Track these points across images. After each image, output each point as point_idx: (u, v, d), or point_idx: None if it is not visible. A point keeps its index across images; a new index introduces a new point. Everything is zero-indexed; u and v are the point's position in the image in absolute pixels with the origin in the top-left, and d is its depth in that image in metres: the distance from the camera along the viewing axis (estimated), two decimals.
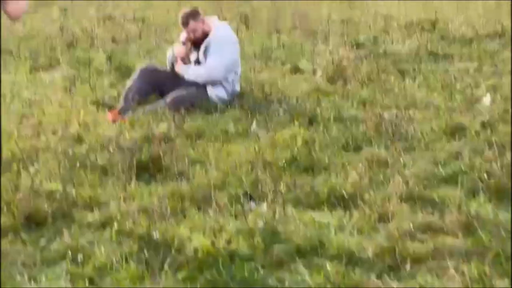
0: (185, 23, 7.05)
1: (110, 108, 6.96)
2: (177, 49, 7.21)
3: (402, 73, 7.91)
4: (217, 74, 6.95)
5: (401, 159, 5.22)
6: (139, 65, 7.42)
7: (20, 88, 7.77)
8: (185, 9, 7.18)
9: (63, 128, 6.18)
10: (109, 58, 8.92)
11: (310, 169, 5.22)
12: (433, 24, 10.67)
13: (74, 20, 12.68)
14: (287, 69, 8.43)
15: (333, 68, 7.75)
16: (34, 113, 6.71)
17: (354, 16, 12.17)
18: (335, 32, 10.60)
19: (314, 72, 8.11)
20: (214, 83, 6.99)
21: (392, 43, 9.59)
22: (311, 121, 6.19)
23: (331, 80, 7.62)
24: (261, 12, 12.70)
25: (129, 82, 7.16)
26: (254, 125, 6.19)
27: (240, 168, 5.21)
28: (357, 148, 5.61)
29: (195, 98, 6.89)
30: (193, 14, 7.06)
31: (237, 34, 7.96)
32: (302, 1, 14.47)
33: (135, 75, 7.16)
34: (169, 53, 7.32)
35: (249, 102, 6.86)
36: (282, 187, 4.78)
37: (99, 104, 7.04)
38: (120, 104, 6.94)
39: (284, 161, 5.27)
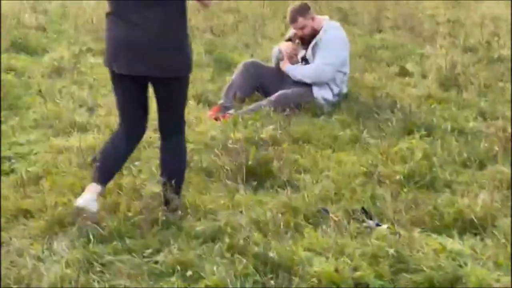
0: (294, 19, 6.68)
1: (211, 104, 6.67)
2: (284, 46, 6.85)
3: None
4: (325, 74, 6.56)
5: None
6: (242, 61, 7.08)
7: None
8: (294, 4, 6.80)
9: None
10: (208, 51, 8.64)
11: (431, 186, 4.80)
12: None
13: None
14: (394, 71, 7.98)
15: (446, 74, 7.26)
16: None
17: (460, 16, 11.57)
18: (441, 34, 10.07)
19: (424, 76, 7.64)
20: (321, 83, 6.61)
21: (505, 47, 8.97)
22: (428, 132, 5.73)
23: (444, 86, 7.14)
24: (361, 9, 12.20)
25: (231, 78, 6.85)
26: (365, 133, 5.78)
27: (354, 180, 4.83)
28: (481, 166, 5.15)
29: (301, 99, 6.52)
30: (302, 10, 6.68)
31: None
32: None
33: (237, 71, 6.84)
34: (274, 50, 6.98)
35: (357, 106, 6.45)
36: (402, 206, 4.37)
37: (200, 100, 6.74)
38: (222, 100, 6.63)
39: (401, 176, 4.85)
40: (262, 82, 6.78)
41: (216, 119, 6.24)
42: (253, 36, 9.88)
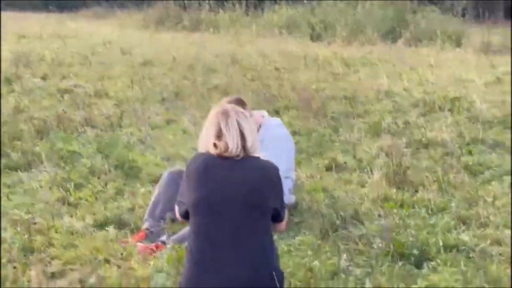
0: None
1: (133, 229, 5.34)
2: None
3: (471, 171, 6.58)
4: None
5: None
6: (168, 170, 5.78)
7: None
8: (226, 99, 5.65)
9: (82, 269, 4.52)
10: (101, 151, 7.27)
11: None
12: (454, 102, 9.47)
13: (28, 97, 10.82)
14: (324, 164, 6.97)
15: (391, 166, 6.33)
16: (34, 245, 4.97)
17: (349, 90, 10.87)
18: (344, 112, 9.28)
19: (361, 169, 6.70)
20: None
21: (425, 128, 8.25)
22: (420, 253, 4.68)
23: (394, 183, 6.18)
24: (242, 86, 11.23)
25: (154, 193, 5.56)
26: (345, 259, 4.65)
27: None
28: None
29: None
30: (238, 106, 5.52)
31: None
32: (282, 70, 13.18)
33: (162, 183, 5.54)
34: None
35: (316, 220, 5.33)
36: None
37: (116, 224, 5.39)
38: (146, 223, 5.33)
39: None
40: None
41: (152, 251, 4.91)
42: (141, 129, 8.59)
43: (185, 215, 3.74)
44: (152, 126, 8.78)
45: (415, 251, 4.65)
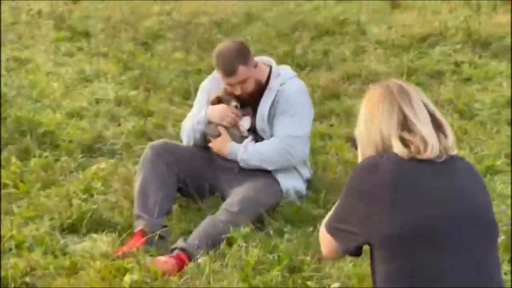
0: (233, 70, 4.05)
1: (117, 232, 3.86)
2: (216, 110, 4.18)
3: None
4: (296, 153, 4.13)
5: None
6: (148, 146, 4.18)
7: None
8: (224, 45, 4.16)
9: None
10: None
11: None
12: (343, 24, 8.58)
13: None
14: None
15: None
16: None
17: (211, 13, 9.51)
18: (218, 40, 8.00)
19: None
20: (288, 168, 4.18)
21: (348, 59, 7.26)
22: None
23: None
24: None
25: (138, 178, 4.04)
26: None
27: None
28: None
29: (271, 199, 4.04)
30: (243, 55, 4.10)
31: None
32: None
33: (146, 164, 4.06)
34: (193, 119, 4.25)
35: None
36: None
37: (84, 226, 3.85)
38: (141, 222, 3.85)
39: None
40: (187, 173, 4.11)
41: (179, 266, 3.50)
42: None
43: (356, 251, 2.39)
44: (6, 69, 6.90)
45: None
